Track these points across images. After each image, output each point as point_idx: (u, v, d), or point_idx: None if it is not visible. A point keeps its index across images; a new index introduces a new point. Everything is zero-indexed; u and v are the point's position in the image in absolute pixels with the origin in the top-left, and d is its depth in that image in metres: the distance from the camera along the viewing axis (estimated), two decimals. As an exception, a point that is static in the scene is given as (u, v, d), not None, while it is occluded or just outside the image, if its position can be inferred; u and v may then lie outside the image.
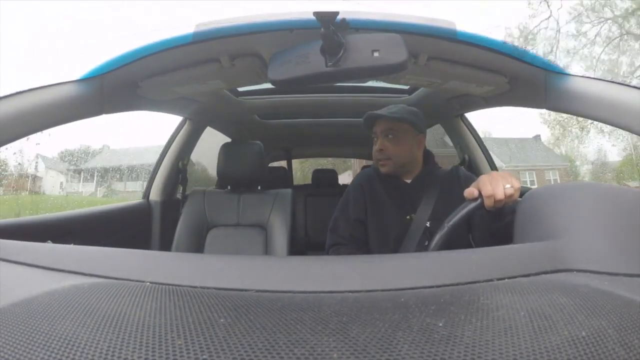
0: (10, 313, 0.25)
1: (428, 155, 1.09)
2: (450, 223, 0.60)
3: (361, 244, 1.02)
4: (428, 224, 0.96)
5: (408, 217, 0.99)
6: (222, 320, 0.25)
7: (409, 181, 1.05)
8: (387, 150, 1.02)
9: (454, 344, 0.22)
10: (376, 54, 0.58)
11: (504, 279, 0.32)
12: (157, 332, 0.23)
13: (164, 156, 1.55)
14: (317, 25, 0.55)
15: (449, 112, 1.41)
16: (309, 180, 2.70)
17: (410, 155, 1.03)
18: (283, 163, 2.76)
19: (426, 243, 0.93)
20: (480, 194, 0.63)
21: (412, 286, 0.32)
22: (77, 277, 0.33)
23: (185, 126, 1.53)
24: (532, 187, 0.55)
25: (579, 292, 0.28)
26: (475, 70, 0.86)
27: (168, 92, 0.96)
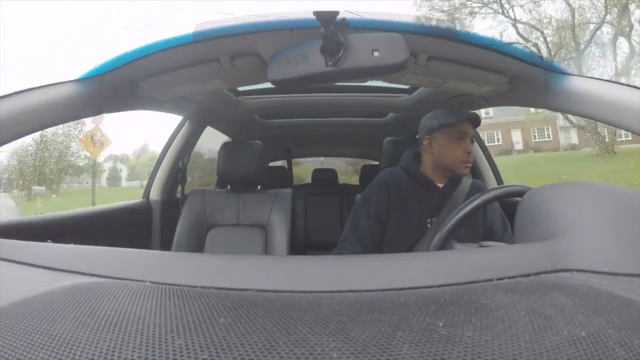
0: (10, 313, 0.25)
1: None
2: (449, 225, 0.60)
3: (376, 242, 1.02)
4: None
5: (429, 220, 0.99)
6: (222, 319, 0.25)
7: (441, 185, 1.05)
8: (472, 154, 1.03)
9: (454, 344, 0.22)
10: (376, 54, 0.58)
11: (504, 279, 0.32)
12: (157, 331, 0.23)
13: (164, 156, 1.55)
14: (317, 25, 0.55)
15: None
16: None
17: None
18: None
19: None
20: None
21: (412, 286, 0.32)
22: (77, 276, 0.33)
23: (185, 126, 1.53)
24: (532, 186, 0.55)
25: (579, 292, 0.28)
26: (476, 70, 0.86)
27: (168, 91, 0.96)
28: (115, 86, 0.78)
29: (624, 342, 0.22)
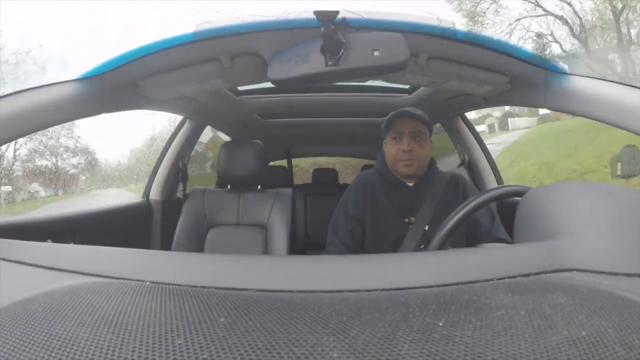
0: (10, 313, 0.25)
1: (431, 160, 1.10)
2: (448, 225, 0.60)
3: (357, 242, 1.02)
4: (427, 228, 0.96)
5: (407, 220, 0.99)
6: (222, 319, 0.25)
7: (411, 184, 1.04)
8: (415, 151, 1.00)
9: (454, 344, 0.22)
10: (376, 53, 0.58)
11: (504, 278, 0.32)
12: (157, 331, 0.23)
13: (164, 155, 1.55)
14: (317, 24, 0.54)
15: (449, 111, 1.41)
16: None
17: (428, 158, 1.05)
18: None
19: (422, 247, 0.93)
20: None
21: (412, 286, 0.32)
22: (77, 276, 0.33)
23: (186, 125, 1.53)
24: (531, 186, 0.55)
25: (579, 292, 0.28)
26: (476, 70, 0.86)
27: (168, 91, 0.96)
28: (115, 86, 0.78)
29: (624, 342, 0.22)
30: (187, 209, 1.35)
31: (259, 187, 1.43)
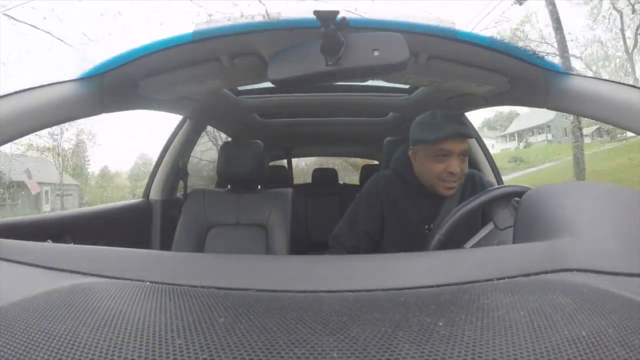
0: (10, 313, 0.25)
1: None
2: (447, 225, 0.61)
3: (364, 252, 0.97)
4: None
5: (426, 226, 0.95)
6: (222, 319, 0.25)
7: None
8: (460, 173, 0.91)
9: (454, 344, 0.22)
10: (376, 53, 0.58)
11: (504, 278, 0.32)
12: (157, 331, 0.23)
13: (164, 155, 1.55)
14: (317, 24, 0.55)
15: (449, 111, 1.41)
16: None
17: None
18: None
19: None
20: None
21: (412, 286, 0.32)
22: (77, 276, 0.33)
23: (185, 125, 1.53)
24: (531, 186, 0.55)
25: (579, 292, 0.28)
26: (476, 70, 0.86)
27: (168, 91, 0.96)
28: (116, 86, 0.78)
29: (624, 342, 0.22)
30: (187, 209, 1.35)
31: (259, 187, 1.43)
